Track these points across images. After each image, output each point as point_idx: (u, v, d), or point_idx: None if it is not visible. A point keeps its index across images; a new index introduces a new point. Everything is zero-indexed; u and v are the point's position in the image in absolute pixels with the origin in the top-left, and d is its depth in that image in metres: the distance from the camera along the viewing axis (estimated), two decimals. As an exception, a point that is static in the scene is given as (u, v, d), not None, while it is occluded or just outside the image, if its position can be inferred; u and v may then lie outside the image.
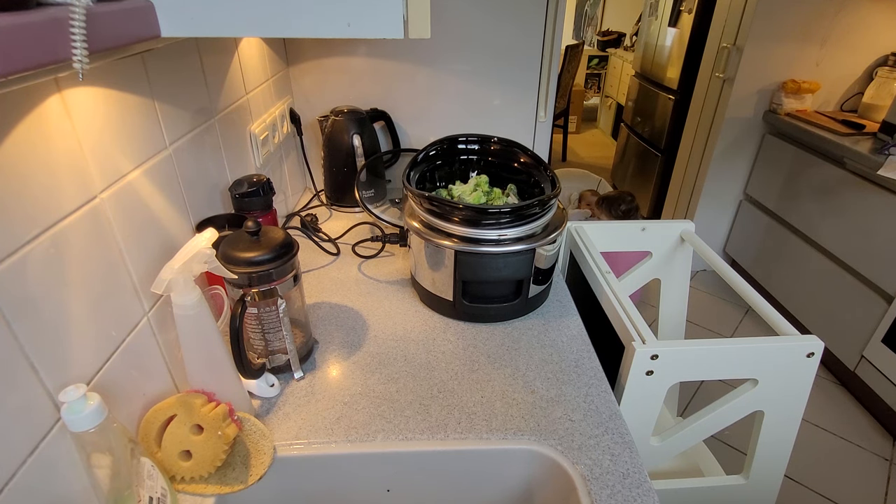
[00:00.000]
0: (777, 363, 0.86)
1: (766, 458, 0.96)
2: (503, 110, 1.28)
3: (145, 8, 0.44)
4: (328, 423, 0.68)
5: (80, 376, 0.49)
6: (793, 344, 0.84)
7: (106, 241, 0.54)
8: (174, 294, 0.55)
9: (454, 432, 0.67)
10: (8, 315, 0.41)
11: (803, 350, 0.84)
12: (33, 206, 0.44)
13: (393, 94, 1.27)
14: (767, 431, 0.93)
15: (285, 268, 0.68)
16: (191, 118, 0.75)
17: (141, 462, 0.51)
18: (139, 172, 0.60)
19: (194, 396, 0.59)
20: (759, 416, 0.93)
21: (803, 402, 0.90)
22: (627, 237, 1.17)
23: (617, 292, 0.94)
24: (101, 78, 0.54)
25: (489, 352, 0.82)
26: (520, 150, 1.01)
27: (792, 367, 0.86)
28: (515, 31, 1.17)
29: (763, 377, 0.87)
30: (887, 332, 1.66)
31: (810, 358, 0.85)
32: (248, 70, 0.98)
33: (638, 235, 1.16)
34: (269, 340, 0.72)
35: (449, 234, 0.83)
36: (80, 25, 0.33)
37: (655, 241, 1.18)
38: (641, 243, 1.18)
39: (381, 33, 0.47)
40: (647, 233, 1.16)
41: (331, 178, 1.26)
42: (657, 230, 1.16)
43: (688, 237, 1.13)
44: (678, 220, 1.17)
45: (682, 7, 2.66)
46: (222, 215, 0.81)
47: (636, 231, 1.16)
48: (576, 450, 0.65)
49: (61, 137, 0.47)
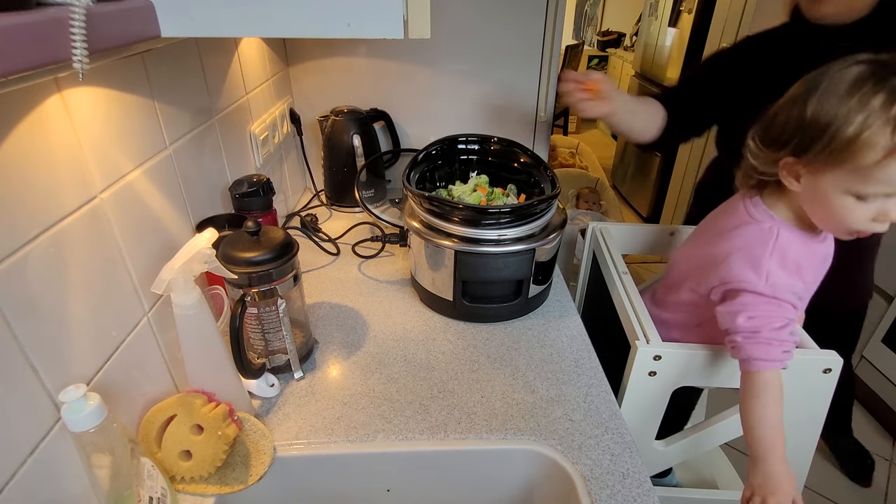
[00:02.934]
0: (790, 376, 0.80)
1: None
2: (503, 110, 1.28)
3: (145, 8, 0.44)
4: (328, 423, 0.68)
5: (80, 376, 0.49)
6: (807, 357, 0.80)
7: (106, 241, 0.54)
8: (174, 294, 0.55)
9: (454, 432, 0.67)
10: (8, 315, 0.41)
11: (819, 365, 0.80)
12: (33, 206, 0.44)
13: (393, 94, 1.27)
14: (782, 446, 0.90)
15: (285, 268, 0.68)
16: (191, 118, 0.75)
17: (141, 462, 0.51)
18: (139, 172, 0.60)
19: (194, 396, 0.59)
20: None
21: (820, 420, 0.85)
22: (654, 240, 1.14)
23: (630, 293, 0.93)
24: (101, 78, 0.54)
25: (489, 352, 0.82)
26: (520, 150, 1.01)
27: (806, 381, 0.81)
28: (515, 31, 1.17)
29: None
30: (887, 331, 1.66)
31: (827, 374, 0.80)
32: (248, 70, 0.98)
33: (666, 239, 1.14)
34: (269, 340, 0.72)
35: (449, 234, 0.83)
36: (80, 25, 0.33)
37: None
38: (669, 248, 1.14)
39: (381, 33, 0.47)
40: (675, 237, 1.13)
41: (331, 178, 1.26)
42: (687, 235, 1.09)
43: None
44: None
45: (682, 7, 2.66)
46: (222, 215, 0.81)
47: (664, 235, 1.13)
48: (576, 450, 0.65)
49: (61, 137, 0.47)
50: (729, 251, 0.76)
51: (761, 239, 0.74)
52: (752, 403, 0.73)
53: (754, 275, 0.73)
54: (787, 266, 0.73)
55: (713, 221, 0.87)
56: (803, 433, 0.88)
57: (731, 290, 0.75)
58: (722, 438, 0.92)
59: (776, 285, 0.72)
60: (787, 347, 0.72)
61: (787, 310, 0.73)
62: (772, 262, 0.73)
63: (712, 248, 0.80)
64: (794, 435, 0.88)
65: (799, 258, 0.74)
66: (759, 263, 0.73)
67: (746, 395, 0.74)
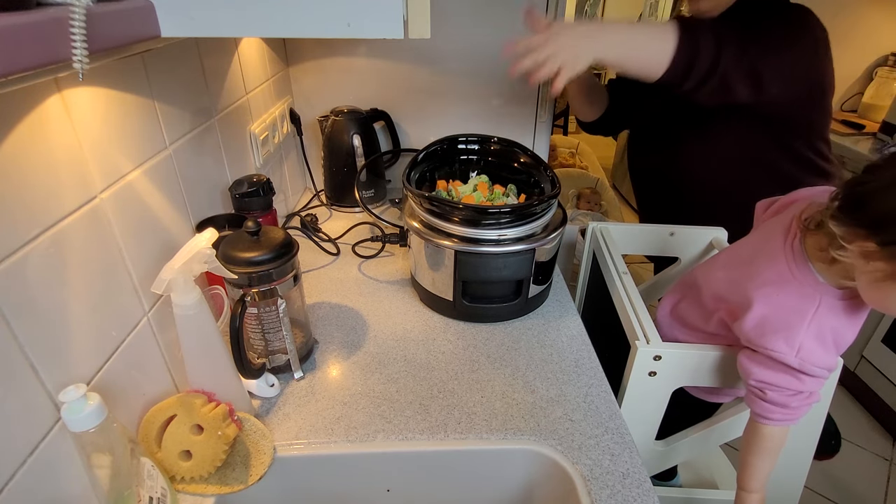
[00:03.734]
0: None
1: (780, 477, 0.91)
2: (503, 110, 1.28)
3: (145, 8, 0.44)
4: (328, 423, 0.68)
5: (80, 376, 0.49)
6: None
7: (106, 241, 0.54)
8: (174, 294, 0.55)
9: (454, 432, 0.67)
10: (8, 315, 0.41)
11: None
12: (33, 206, 0.44)
13: (393, 94, 1.27)
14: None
15: (285, 268, 0.68)
16: (191, 118, 0.75)
17: (141, 462, 0.51)
18: (139, 172, 0.60)
19: (194, 396, 0.59)
20: None
21: (820, 420, 0.85)
22: (655, 241, 1.14)
23: (630, 293, 0.93)
24: (101, 78, 0.54)
25: (489, 352, 0.82)
26: (520, 150, 1.01)
27: None
28: (515, 32, 1.17)
29: None
30: (887, 331, 1.66)
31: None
32: (248, 70, 0.98)
33: (666, 240, 1.13)
34: (269, 340, 0.72)
35: (449, 234, 0.83)
36: (80, 25, 0.33)
37: (684, 247, 1.13)
38: (669, 248, 1.14)
39: (381, 33, 0.47)
40: (675, 238, 1.13)
41: (331, 178, 1.26)
42: (686, 235, 1.12)
43: (718, 245, 1.09)
44: (709, 226, 1.11)
45: (682, 7, 2.66)
46: (222, 215, 0.81)
47: (664, 235, 1.13)
48: (576, 450, 0.65)
49: (61, 137, 0.47)
50: (764, 313, 0.71)
51: (800, 308, 0.69)
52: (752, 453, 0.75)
53: (786, 346, 0.68)
54: (823, 340, 0.68)
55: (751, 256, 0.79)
56: (803, 433, 0.88)
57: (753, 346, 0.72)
58: (722, 438, 0.91)
59: (806, 360, 0.68)
60: (804, 411, 0.70)
61: (812, 383, 0.70)
62: (808, 335, 0.68)
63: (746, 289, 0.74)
64: (794, 435, 0.88)
65: (838, 328, 0.69)
66: (793, 335, 0.68)
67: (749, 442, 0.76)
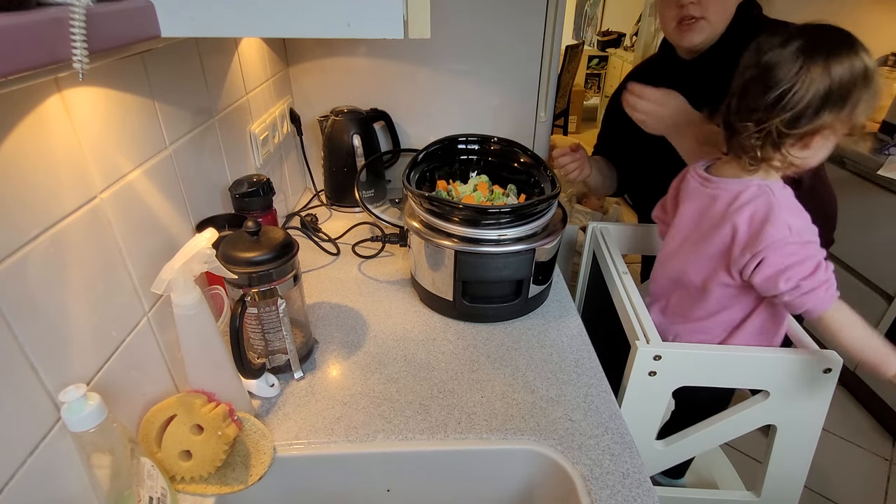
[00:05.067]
0: (790, 376, 0.82)
1: (780, 475, 0.93)
2: (503, 110, 1.28)
3: (145, 8, 0.44)
4: (328, 423, 0.68)
5: (80, 376, 0.49)
6: (807, 357, 0.81)
7: (106, 241, 0.54)
8: (174, 294, 0.55)
9: (454, 432, 0.67)
10: (8, 315, 0.41)
11: (819, 365, 0.80)
12: (33, 206, 0.44)
13: (393, 94, 1.27)
14: (781, 447, 0.90)
15: (285, 268, 0.68)
16: (191, 118, 0.75)
17: (141, 462, 0.51)
18: (139, 172, 0.60)
19: (194, 396, 0.59)
20: (772, 431, 0.90)
21: (820, 419, 0.86)
22: (654, 240, 1.14)
23: (630, 293, 0.93)
24: (101, 78, 0.54)
25: (489, 352, 0.82)
26: (520, 150, 1.01)
27: (806, 381, 0.82)
28: (515, 31, 1.17)
29: (775, 390, 0.83)
30: (887, 331, 1.66)
31: (827, 374, 0.80)
32: (248, 70, 0.98)
33: None
34: (269, 340, 0.72)
35: (449, 234, 0.83)
36: (80, 25, 0.33)
37: None
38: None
39: (381, 33, 0.47)
40: None
41: (331, 178, 1.26)
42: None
43: None
44: None
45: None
46: (222, 215, 0.81)
47: None
48: (576, 450, 0.65)
49: (61, 137, 0.47)
50: (737, 223, 0.78)
51: (762, 200, 0.77)
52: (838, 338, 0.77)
53: (776, 229, 0.75)
54: (798, 212, 0.78)
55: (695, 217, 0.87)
56: (803, 433, 0.89)
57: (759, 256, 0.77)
58: (722, 438, 0.92)
59: (795, 231, 0.75)
60: (829, 285, 0.75)
61: (815, 248, 0.76)
62: (785, 213, 0.76)
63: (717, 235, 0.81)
64: (794, 434, 0.88)
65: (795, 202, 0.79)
66: (776, 218, 0.75)
67: (828, 334, 0.78)
